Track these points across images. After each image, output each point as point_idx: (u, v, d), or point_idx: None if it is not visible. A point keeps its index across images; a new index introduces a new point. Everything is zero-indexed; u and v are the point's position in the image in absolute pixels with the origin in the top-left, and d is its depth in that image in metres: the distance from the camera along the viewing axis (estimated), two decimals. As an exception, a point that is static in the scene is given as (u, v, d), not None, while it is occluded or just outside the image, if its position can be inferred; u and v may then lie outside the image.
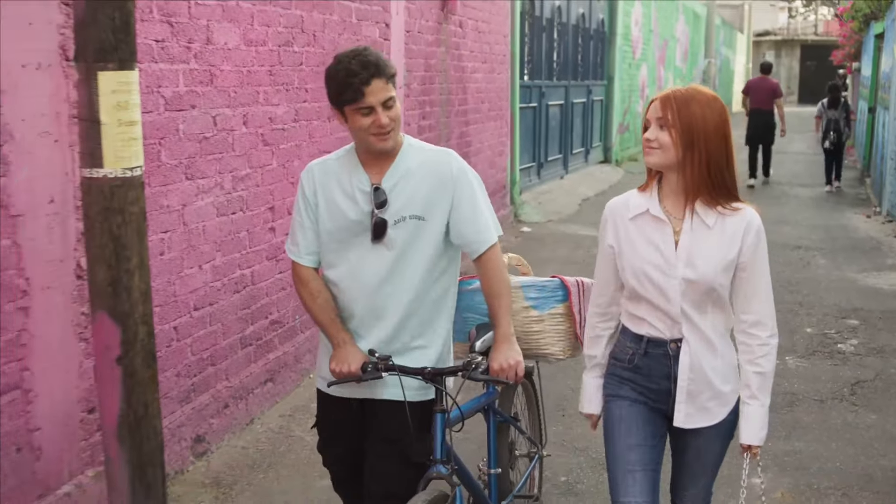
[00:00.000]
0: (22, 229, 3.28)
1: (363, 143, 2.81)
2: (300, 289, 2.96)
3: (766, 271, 2.65)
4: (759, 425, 2.69)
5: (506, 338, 2.88)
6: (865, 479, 4.46)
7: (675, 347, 2.67)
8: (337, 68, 2.74)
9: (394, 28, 6.81)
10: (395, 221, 2.84)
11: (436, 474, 2.75)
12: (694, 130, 2.54)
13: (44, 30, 3.34)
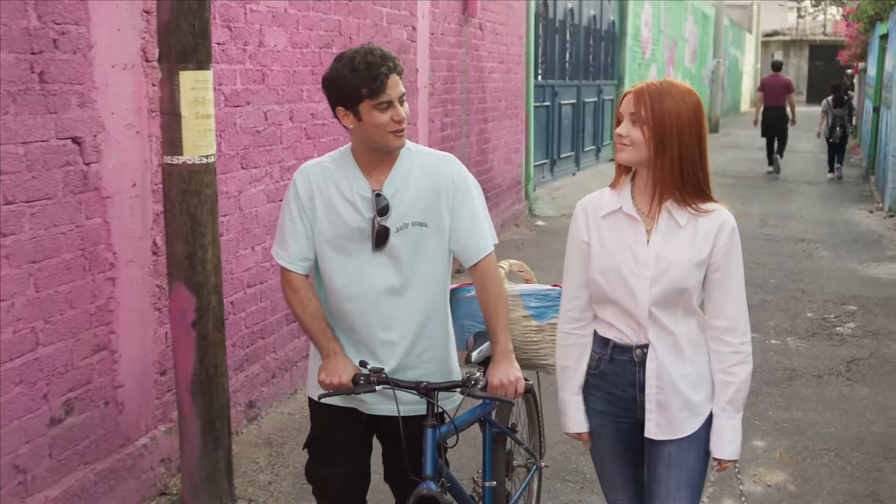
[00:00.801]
0: (111, 209, 3.74)
1: (375, 143, 2.70)
2: (290, 296, 2.84)
3: (739, 275, 2.57)
4: (729, 438, 2.57)
5: (505, 354, 2.80)
6: (857, 441, 4.91)
7: (640, 354, 2.58)
8: (354, 63, 2.62)
9: (419, 31, 7.27)
10: (397, 229, 2.75)
11: (426, 491, 2.64)
12: (666, 127, 2.46)
13: (129, 35, 3.80)
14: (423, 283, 2.81)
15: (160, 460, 4.14)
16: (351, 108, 2.66)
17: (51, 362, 3.47)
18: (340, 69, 2.65)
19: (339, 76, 2.65)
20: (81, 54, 3.52)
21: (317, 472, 2.94)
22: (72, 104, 3.49)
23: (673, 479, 2.60)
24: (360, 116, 2.66)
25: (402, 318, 2.80)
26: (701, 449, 2.61)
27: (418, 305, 2.81)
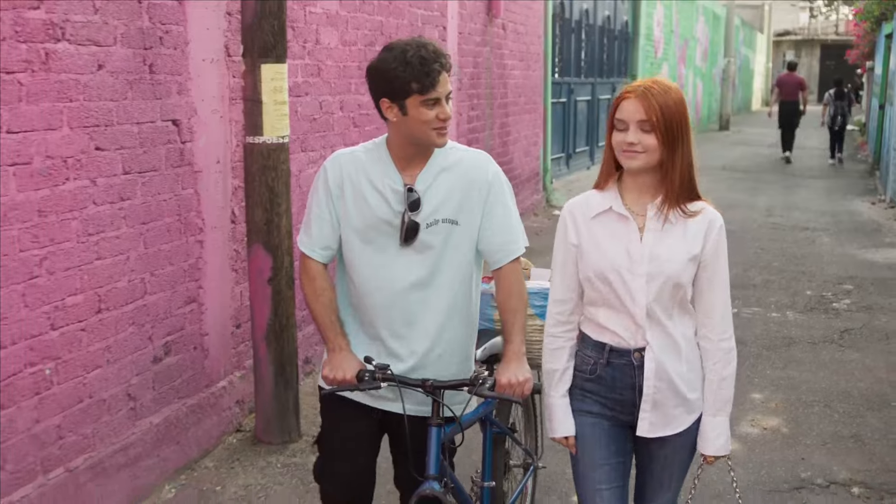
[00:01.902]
0: (201, 182, 4.39)
1: (417, 139, 2.66)
2: (306, 284, 2.80)
3: (725, 273, 2.61)
4: (713, 435, 2.62)
5: (517, 355, 2.76)
6: (844, 395, 5.52)
7: (638, 357, 2.58)
8: (407, 56, 2.57)
9: (449, 30, 7.91)
10: (427, 225, 2.71)
11: (429, 491, 2.61)
12: (675, 130, 2.49)
13: (215, 33, 4.45)
14: (450, 281, 2.76)
15: (236, 401, 4.78)
16: (397, 100, 2.61)
17: (154, 309, 4.12)
18: (391, 60, 2.59)
19: (389, 68, 2.59)
20: (180, 50, 4.17)
21: (325, 470, 2.89)
22: (172, 92, 4.14)
23: (665, 475, 2.69)
24: (406, 110, 2.61)
25: (425, 316, 2.76)
26: (692, 445, 2.68)
27: (443, 304, 2.76)
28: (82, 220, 3.62)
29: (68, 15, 3.48)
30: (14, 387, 3.34)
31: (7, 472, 3.32)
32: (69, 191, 3.55)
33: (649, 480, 2.72)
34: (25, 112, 3.31)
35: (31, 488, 3.43)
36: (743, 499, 4.11)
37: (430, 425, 2.67)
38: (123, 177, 3.85)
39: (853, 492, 4.29)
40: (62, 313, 3.55)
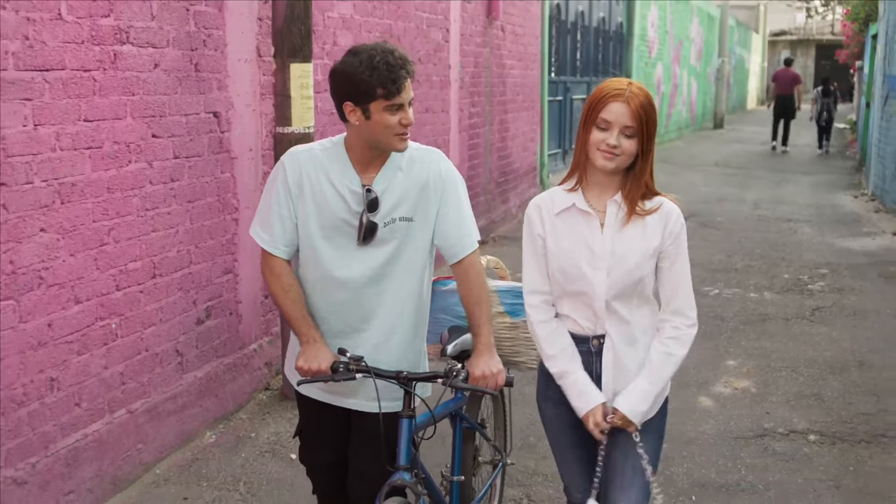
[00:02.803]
0: (236, 167, 4.99)
1: (379, 143, 2.69)
2: (271, 281, 2.83)
3: (686, 262, 2.66)
4: (637, 400, 2.62)
5: (487, 347, 2.82)
6: (809, 362, 6.13)
7: (597, 344, 2.66)
8: (374, 62, 2.58)
9: (452, 32, 8.51)
10: (384, 224, 2.75)
11: (399, 482, 2.65)
12: (650, 134, 2.58)
13: (248, 36, 5.05)
14: (405, 276, 2.82)
15: (265, 363, 5.38)
16: (361, 104, 2.62)
17: (198, 277, 4.72)
18: (357, 64, 2.59)
19: (355, 71, 2.59)
20: (220, 51, 4.77)
21: (307, 458, 3.05)
22: (213, 87, 4.74)
23: (629, 466, 2.69)
24: (369, 115, 2.62)
25: (382, 311, 2.82)
26: (655, 437, 2.74)
27: (398, 298, 2.83)
28: (141, 197, 4.22)
29: (131, 21, 4.08)
30: (88, 336, 3.94)
31: (82, 409, 3.92)
32: (131, 171, 4.15)
33: (614, 474, 2.72)
34: (98, 104, 3.90)
35: (101, 424, 4.03)
36: (712, 445, 4.74)
37: (400, 416, 2.69)
38: (174, 161, 4.44)
39: (809, 438, 4.89)
40: (125, 276, 4.14)
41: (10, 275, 3.49)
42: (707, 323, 6.91)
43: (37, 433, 3.67)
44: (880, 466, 4.55)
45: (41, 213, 3.62)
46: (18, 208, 3.51)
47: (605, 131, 2.55)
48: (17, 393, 3.56)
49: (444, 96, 8.38)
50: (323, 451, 2.98)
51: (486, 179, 9.96)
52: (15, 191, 3.49)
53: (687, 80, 25.34)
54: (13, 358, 3.53)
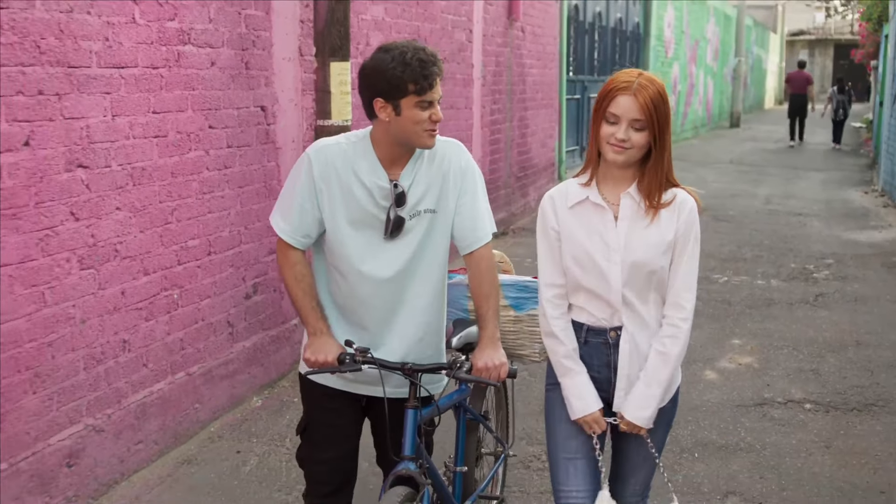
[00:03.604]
0: (280, 157, 5.47)
1: (408, 139, 2.71)
2: (286, 269, 2.84)
3: (693, 256, 2.63)
4: (638, 405, 2.63)
5: (492, 339, 2.84)
6: (810, 341, 6.55)
7: (614, 336, 2.65)
8: (407, 58, 2.61)
9: (475, 33, 8.97)
10: (410, 216, 2.78)
11: (404, 471, 2.67)
12: (662, 126, 2.54)
13: (291, 37, 5.52)
14: (429, 268, 2.86)
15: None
16: (391, 101, 2.64)
17: (247, 256, 5.20)
18: (389, 61, 2.62)
19: (387, 68, 2.62)
20: (267, 51, 5.25)
21: (308, 457, 2.99)
22: (261, 84, 5.22)
23: (640, 455, 2.76)
24: (400, 111, 2.64)
25: (409, 302, 2.85)
26: (665, 425, 2.78)
27: (425, 289, 2.86)
28: (199, 181, 4.70)
29: (192, 24, 4.56)
30: (154, 305, 4.42)
31: (149, 369, 4.40)
32: (191, 159, 4.63)
33: (624, 461, 2.80)
34: (164, 98, 4.39)
35: (164, 384, 4.51)
36: (715, 412, 5.17)
37: (406, 408, 2.72)
38: (227, 150, 4.92)
39: (805, 407, 5.32)
40: (185, 252, 4.63)
41: (92, 247, 3.98)
42: (715, 307, 7.35)
43: (112, 388, 4.15)
44: (868, 430, 4.98)
45: (117, 193, 4.11)
46: (99, 188, 4.00)
47: (613, 125, 2.53)
48: (97, 351, 4.05)
49: (467, 94, 8.84)
50: (329, 447, 2.94)
51: (507, 174, 10.41)
52: (96, 173, 3.98)
53: (703, 79, 25.71)
54: (94, 320, 4.02)
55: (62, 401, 3.86)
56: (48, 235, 3.73)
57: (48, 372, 3.77)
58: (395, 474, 2.68)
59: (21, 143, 3.57)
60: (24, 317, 3.63)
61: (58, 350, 3.82)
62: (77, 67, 3.82)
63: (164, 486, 4.22)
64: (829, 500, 4.19)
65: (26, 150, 3.59)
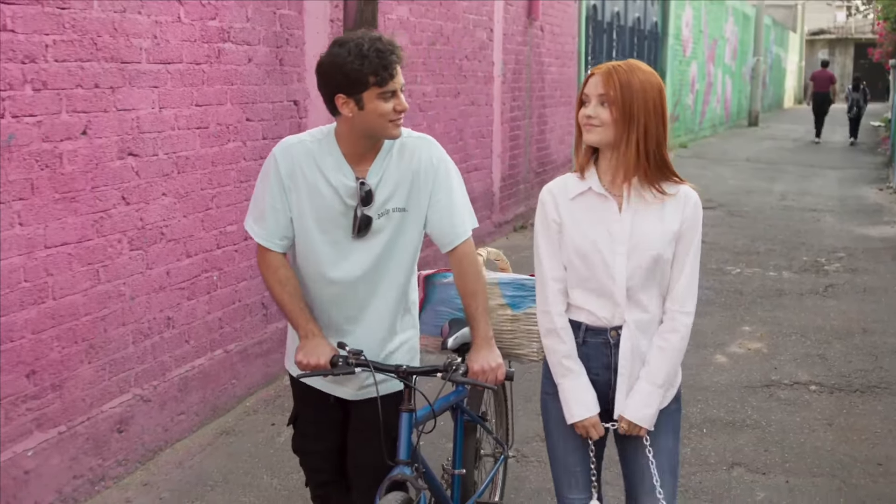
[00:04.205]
0: (311, 148, 5.77)
1: (374, 132, 2.63)
2: (268, 275, 2.77)
3: (695, 251, 2.59)
4: (641, 403, 2.56)
5: (486, 340, 2.77)
6: (818, 329, 6.80)
7: (615, 335, 2.58)
8: (363, 50, 2.54)
9: (495, 32, 9.25)
10: (378, 215, 2.71)
11: (400, 476, 2.62)
12: (634, 108, 2.48)
13: (322, 36, 5.83)
14: (397, 266, 2.79)
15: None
16: (353, 95, 2.57)
17: (280, 242, 5.50)
18: (346, 55, 2.55)
19: (344, 62, 2.54)
20: (299, 48, 5.56)
21: (300, 447, 3.02)
22: (294, 80, 5.52)
23: (656, 468, 2.62)
24: (363, 105, 2.57)
25: (376, 299, 2.79)
26: (673, 433, 2.66)
27: (390, 287, 2.80)
28: (237, 170, 5.01)
29: (232, 23, 4.87)
30: (195, 285, 4.73)
31: (190, 345, 4.72)
32: (230, 149, 4.94)
33: (633, 473, 2.68)
34: (206, 92, 4.70)
35: (204, 360, 4.82)
36: (724, 392, 5.44)
37: (401, 411, 2.67)
38: (262, 141, 5.23)
39: (811, 388, 5.57)
40: (224, 237, 4.94)
41: (140, 229, 4.29)
42: (727, 296, 7.61)
43: (157, 361, 4.47)
44: (869, 410, 5.23)
45: (163, 180, 4.42)
46: (147, 175, 4.31)
47: (585, 106, 2.55)
48: (144, 327, 4.36)
49: (487, 91, 9.12)
50: (318, 439, 2.95)
51: (526, 169, 10.69)
52: (145, 161, 4.29)
53: (721, 78, 25.88)
54: (142, 298, 4.33)
55: (113, 371, 4.17)
56: (102, 218, 4.05)
57: (101, 344, 4.09)
58: (389, 479, 2.62)
59: (79, 132, 3.88)
60: (80, 292, 3.95)
61: (110, 324, 4.13)
62: (129, 63, 4.13)
63: (205, 454, 4.53)
64: (830, 470, 4.44)
65: (84, 138, 3.91)
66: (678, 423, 2.72)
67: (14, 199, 3.57)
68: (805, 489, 4.25)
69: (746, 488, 4.25)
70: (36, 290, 3.71)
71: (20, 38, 3.55)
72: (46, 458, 3.78)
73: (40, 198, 3.70)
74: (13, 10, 3.51)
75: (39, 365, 3.75)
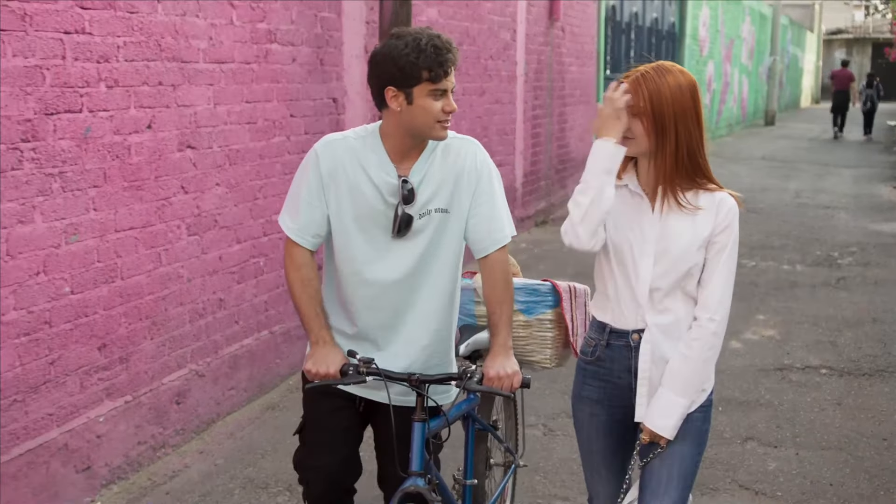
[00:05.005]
0: (348, 143, 6.11)
1: (420, 130, 2.59)
2: (292, 272, 2.71)
3: (729, 257, 2.54)
4: (661, 413, 2.53)
5: (504, 347, 2.71)
6: (829, 318, 7.09)
7: (637, 339, 2.58)
8: (421, 44, 2.50)
9: (518, 33, 9.58)
10: (420, 215, 2.66)
11: (413, 488, 2.56)
12: (665, 117, 2.45)
13: (358, 37, 6.17)
14: (439, 271, 2.73)
15: (366, 307, 6.50)
16: (404, 88, 2.53)
17: (319, 231, 5.84)
18: (402, 47, 2.51)
19: (400, 54, 2.51)
20: (338, 49, 5.90)
21: (305, 462, 2.86)
22: (333, 78, 5.87)
23: (664, 471, 2.59)
24: (412, 100, 2.54)
25: (415, 307, 2.73)
26: (695, 441, 2.60)
27: (433, 293, 2.74)
28: (282, 163, 5.36)
29: (278, 25, 5.21)
30: (244, 270, 5.08)
31: (239, 326, 5.06)
32: (275, 143, 5.28)
33: (651, 478, 2.62)
34: (254, 89, 5.04)
35: (252, 339, 5.17)
36: (738, 375, 5.74)
37: (413, 420, 2.60)
38: (304, 136, 5.57)
39: (821, 372, 5.88)
40: (270, 225, 5.28)
41: (197, 217, 4.64)
42: (742, 288, 7.90)
43: (210, 339, 4.81)
44: (877, 391, 5.53)
45: (217, 171, 4.77)
46: (203, 166, 4.66)
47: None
48: (199, 307, 4.71)
49: (511, 89, 9.45)
50: (324, 452, 2.80)
51: (547, 166, 11.01)
52: (201, 153, 4.64)
53: (738, 78, 26.11)
54: (197, 280, 4.68)
55: (172, 347, 4.52)
56: (164, 205, 4.40)
57: (162, 322, 4.44)
58: (402, 492, 2.57)
59: (145, 126, 4.23)
60: (145, 273, 4.30)
61: (170, 303, 4.48)
62: (188, 62, 4.48)
63: (253, 426, 4.88)
64: (837, 444, 4.75)
65: (149, 132, 4.26)
66: (701, 432, 2.63)
67: (90, 186, 3.92)
68: (813, 460, 4.56)
69: (759, 459, 4.56)
70: (107, 270, 4.06)
71: (96, 40, 3.90)
72: (115, 425, 4.13)
73: (111, 186, 4.05)
74: (91, 14, 3.86)
75: (109, 339, 4.10)
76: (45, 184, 3.70)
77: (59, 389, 3.83)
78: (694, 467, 2.64)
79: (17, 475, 3.63)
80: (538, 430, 4.85)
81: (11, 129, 3.52)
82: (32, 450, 3.70)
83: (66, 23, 3.74)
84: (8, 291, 3.56)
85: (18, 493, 3.63)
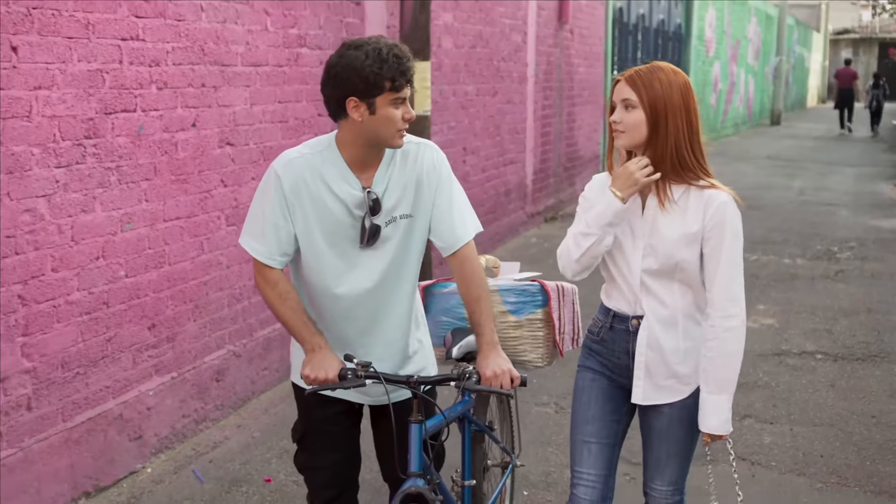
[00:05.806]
0: (370, 141, 6.48)
1: (380, 139, 2.59)
2: (267, 291, 2.70)
3: (731, 251, 2.60)
4: (709, 412, 2.63)
5: (492, 345, 2.73)
6: (826, 308, 7.44)
7: (636, 324, 2.68)
8: (383, 54, 2.50)
9: (529, 35, 9.94)
10: (386, 223, 2.68)
11: (413, 489, 2.58)
12: (658, 110, 2.54)
13: (380, 41, 6.53)
14: (407, 273, 2.76)
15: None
16: (367, 99, 2.52)
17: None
18: (364, 58, 2.50)
19: (363, 65, 2.49)
20: (362, 52, 6.26)
21: (307, 463, 2.92)
22: (356, 80, 6.23)
23: (663, 450, 2.74)
24: (375, 109, 2.53)
25: (389, 311, 2.76)
26: (690, 423, 2.71)
27: (404, 295, 2.77)
28: (310, 160, 5.72)
29: (307, 30, 5.59)
30: (276, 259, 5.45)
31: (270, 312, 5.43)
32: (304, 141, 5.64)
33: (649, 457, 2.78)
34: (286, 90, 5.42)
35: (269, 330, 5.54)
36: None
37: (410, 422, 2.62)
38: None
39: (817, 357, 6.23)
40: (299, 217, 5.65)
41: (235, 208, 5.01)
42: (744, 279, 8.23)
43: (246, 323, 5.19)
44: (868, 374, 5.88)
45: (252, 166, 5.14)
46: (241, 162, 5.03)
47: (614, 112, 2.64)
48: (236, 292, 5.08)
49: (521, 90, 9.81)
50: (327, 453, 2.87)
51: (556, 164, 11.37)
52: (239, 150, 5.01)
53: (744, 78, 26.44)
54: (235, 267, 5.05)
55: (213, 329, 4.90)
56: (206, 197, 4.77)
57: (204, 305, 4.81)
58: (403, 493, 2.60)
59: (190, 124, 4.61)
60: (189, 259, 4.67)
61: (210, 288, 4.86)
62: (227, 66, 4.86)
63: (285, 404, 5.24)
64: (829, 421, 5.10)
65: (193, 129, 4.63)
66: (695, 416, 2.71)
67: (142, 179, 4.30)
68: (806, 435, 4.91)
69: (755, 434, 4.92)
70: (156, 257, 4.44)
71: (148, 46, 4.28)
72: (162, 399, 4.51)
73: (160, 179, 4.42)
74: (144, 22, 4.24)
75: (158, 320, 4.48)
76: (105, 177, 4.07)
77: (114, 364, 4.21)
78: (690, 446, 2.78)
79: (80, 440, 4.01)
80: (550, 409, 5.22)
81: (77, 126, 3.90)
82: (92, 418, 4.08)
83: (122, 30, 4.12)
84: (72, 274, 3.94)
85: (81, 458, 4.01)
